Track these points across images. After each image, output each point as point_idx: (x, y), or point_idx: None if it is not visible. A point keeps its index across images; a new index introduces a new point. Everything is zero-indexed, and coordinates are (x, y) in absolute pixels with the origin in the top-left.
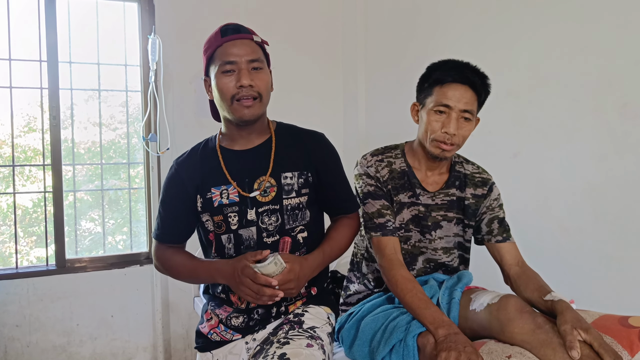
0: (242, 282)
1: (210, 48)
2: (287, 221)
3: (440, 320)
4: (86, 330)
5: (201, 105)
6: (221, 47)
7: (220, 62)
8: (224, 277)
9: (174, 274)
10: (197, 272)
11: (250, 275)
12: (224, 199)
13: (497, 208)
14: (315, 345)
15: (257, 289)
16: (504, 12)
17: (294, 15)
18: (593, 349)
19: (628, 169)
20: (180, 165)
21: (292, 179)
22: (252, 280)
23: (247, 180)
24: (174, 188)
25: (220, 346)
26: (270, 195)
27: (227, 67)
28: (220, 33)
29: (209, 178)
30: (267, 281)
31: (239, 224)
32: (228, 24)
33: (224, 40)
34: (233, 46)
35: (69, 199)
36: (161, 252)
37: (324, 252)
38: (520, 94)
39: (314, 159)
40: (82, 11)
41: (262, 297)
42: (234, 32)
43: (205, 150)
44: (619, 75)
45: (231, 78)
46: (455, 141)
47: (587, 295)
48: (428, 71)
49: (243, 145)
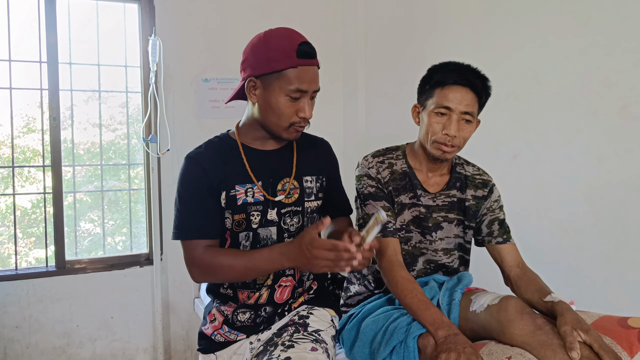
0: (316, 255)
1: (281, 63)
2: (307, 223)
3: (440, 321)
4: (86, 332)
5: (201, 106)
6: (295, 70)
7: (292, 86)
8: (290, 259)
9: (222, 276)
10: (257, 264)
11: (325, 244)
12: (249, 198)
13: (498, 209)
14: (320, 349)
15: (336, 256)
16: (503, 14)
17: (294, 18)
18: (593, 350)
19: (627, 170)
20: (200, 157)
21: (312, 183)
22: (330, 249)
23: (271, 180)
24: (197, 181)
25: (225, 347)
26: (293, 197)
27: (297, 95)
28: (296, 52)
29: (232, 175)
30: (346, 247)
31: (260, 224)
32: (303, 42)
33: (300, 63)
34: (307, 73)
35: (69, 199)
36: (199, 254)
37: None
38: (520, 96)
39: (325, 165)
40: (82, 12)
41: (340, 261)
42: (310, 57)
43: (224, 147)
44: (617, 77)
45: (295, 104)
46: (456, 143)
47: (587, 296)
48: (429, 73)
49: (264, 145)
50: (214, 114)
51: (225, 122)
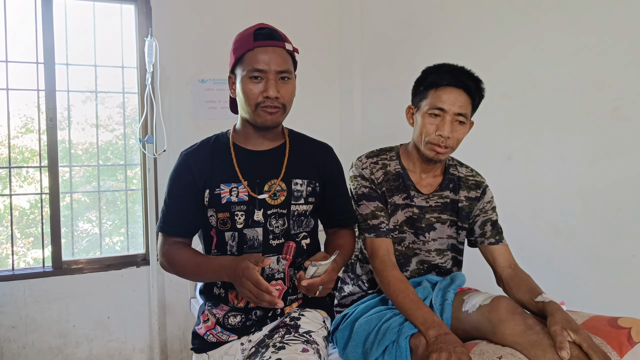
0: (242, 283)
1: (240, 49)
2: (293, 226)
3: (431, 321)
4: (82, 332)
5: (197, 107)
6: (252, 52)
7: (249, 67)
8: (227, 274)
9: (179, 271)
10: (202, 269)
11: (251, 278)
12: (233, 197)
13: (490, 211)
14: (311, 350)
15: (257, 293)
16: (497, 16)
17: (290, 18)
18: (582, 349)
19: (619, 171)
20: (190, 156)
21: (302, 186)
22: (254, 285)
23: (258, 181)
24: (182, 179)
25: (216, 347)
26: (279, 199)
27: (256, 74)
28: (252, 36)
29: (219, 173)
30: (268, 289)
31: (245, 224)
32: (262, 27)
33: (256, 45)
34: (264, 53)
35: (66, 200)
36: (167, 247)
37: (337, 265)
38: (514, 98)
39: (322, 170)
40: (79, 13)
41: (261, 301)
42: (267, 38)
43: (217, 145)
44: (609, 79)
45: (258, 85)
46: (449, 144)
47: (579, 296)
48: (423, 75)
49: (257, 146)
50: (210, 114)
51: (222, 122)
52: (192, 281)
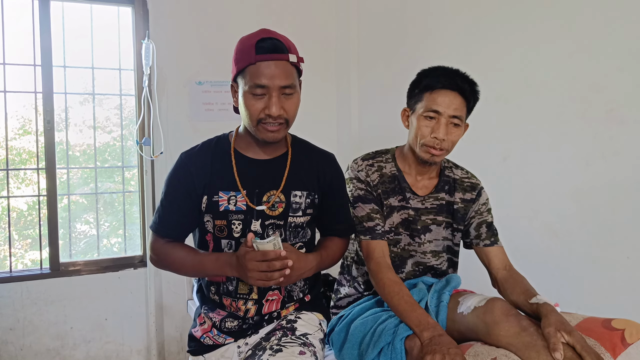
0: (248, 266)
1: (242, 61)
2: (289, 237)
3: (425, 322)
4: (80, 334)
5: (195, 109)
6: (254, 65)
7: (251, 83)
8: (232, 268)
9: (175, 268)
10: (204, 266)
11: (255, 256)
12: (231, 206)
13: (486, 212)
14: (308, 353)
15: (267, 266)
16: (493, 18)
17: (287, 20)
18: (576, 351)
19: (614, 173)
20: (190, 159)
21: (301, 198)
22: (260, 260)
23: (257, 191)
24: (181, 181)
25: (213, 350)
26: (277, 210)
27: (258, 91)
28: (254, 48)
29: (218, 180)
30: (276, 253)
31: (242, 233)
32: (264, 38)
33: (258, 59)
34: (267, 67)
35: (64, 202)
36: (159, 245)
37: (320, 256)
38: (509, 100)
39: (322, 181)
40: (76, 15)
41: (273, 274)
42: (270, 51)
43: (218, 150)
44: (604, 81)
45: (260, 102)
46: (445, 146)
47: (573, 297)
48: (418, 77)
49: (258, 154)
50: (207, 116)
51: (219, 124)
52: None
